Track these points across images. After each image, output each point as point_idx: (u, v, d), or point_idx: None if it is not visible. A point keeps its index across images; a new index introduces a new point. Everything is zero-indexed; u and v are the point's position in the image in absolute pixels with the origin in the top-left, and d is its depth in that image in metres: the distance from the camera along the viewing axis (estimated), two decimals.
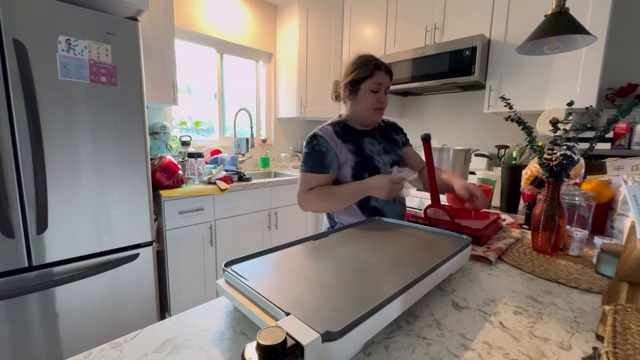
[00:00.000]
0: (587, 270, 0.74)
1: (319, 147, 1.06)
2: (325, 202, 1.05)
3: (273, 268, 0.58)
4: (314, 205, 1.07)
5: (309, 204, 1.07)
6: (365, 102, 1.07)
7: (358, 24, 2.54)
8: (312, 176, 1.05)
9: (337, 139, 1.08)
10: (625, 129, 1.44)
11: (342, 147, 1.07)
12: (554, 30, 0.97)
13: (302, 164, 1.08)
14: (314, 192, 1.05)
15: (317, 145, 1.06)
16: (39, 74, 1.14)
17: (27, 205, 1.16)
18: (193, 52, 2.48)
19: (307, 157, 1.07)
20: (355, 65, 1.07)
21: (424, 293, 0.55)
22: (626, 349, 0.41)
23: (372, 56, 1.08)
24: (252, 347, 0.33)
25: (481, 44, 1.77)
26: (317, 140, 1.06)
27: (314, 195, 1.05)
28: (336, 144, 1.07)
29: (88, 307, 1.33)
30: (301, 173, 1.08)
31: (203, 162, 2.02)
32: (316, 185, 1.06)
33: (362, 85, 1.06)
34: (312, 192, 1.05)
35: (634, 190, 0.64)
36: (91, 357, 0.43)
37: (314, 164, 1.05)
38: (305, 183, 1.06)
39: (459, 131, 2.32)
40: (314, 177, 1.05)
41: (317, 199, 1.05)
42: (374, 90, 1.06)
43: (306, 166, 1.07)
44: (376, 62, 1.07)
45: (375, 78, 1.05)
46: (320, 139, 1.06)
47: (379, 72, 1.05)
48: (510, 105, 0.89)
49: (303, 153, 1.09)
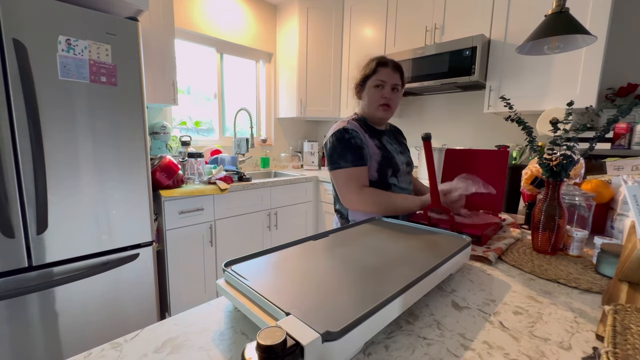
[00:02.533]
0: (587, 270, 0.74)
1: (354, 140, 1.04)
2: (379, 209, 1.01)
3: (273, 268, 0.58)
4: (367, 206, 1.03)
5: (362, 204, 1.03)
6: (370, 98, 1.10)
7: (358, 24, 2.54)
8: (359, 170, 1.03)
9: (364, 133, 1.09)
10: (625, 129, 1.44)
11: (369, 141, 1.08)
12: (554, 30, 0.97)
13: (339, 159, 1.04)
14: (369, 194, 1.02)
15: (353, 139, 1.04)
16: (39, 74, 1.14)
17: (27, 205, 1.16)
18: (193, 52, 2.48)
19: (343, 151, 1.03)
20: (363, 66, 1.12)
21: (424, 293, 0.55)
22: (626, 349, 0.41)
23: (380, 56, 1.11)
24: (252, 347, 0.33)
25: (481, 44, 1.77)
26: (351, 133, 1.05)
27: (370, 197, 1.01)
28: (364, 137, 1.08)
29: (88, 307, 1.33)
30: (340, 170, 1.04)
31: (203, 162, 2.02)
32: (365, 181, 1.04)
33: (367, 82, 1.10)
34: (367, 193, 1.02)
35: (634, 190, 0.64)
36: (91, 357, 0.43)
37: (355, 157, 1.03)
38: (355, 179, 1.03)
39: (459, 131, 2.32)
40: (361, 171, 1.03)
41: (371, 202, 1.01)
42: (377, 85, 1.08)
43: (347, 161, 1.03)
44: (380, 59, 1.09)
45: (378, 75, 1.08)
46: (354, 132, 1.05)
47: (383, 69, 1.08)
48: (510, 105, 0.89)
49: (332, 148, 1.06)
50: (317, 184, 2.57)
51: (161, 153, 2.00)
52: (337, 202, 1.16)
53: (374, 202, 1.01)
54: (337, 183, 1.07)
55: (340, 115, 2.75)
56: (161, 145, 2.11)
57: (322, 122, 3.36)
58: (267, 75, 2.97)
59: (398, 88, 1.11)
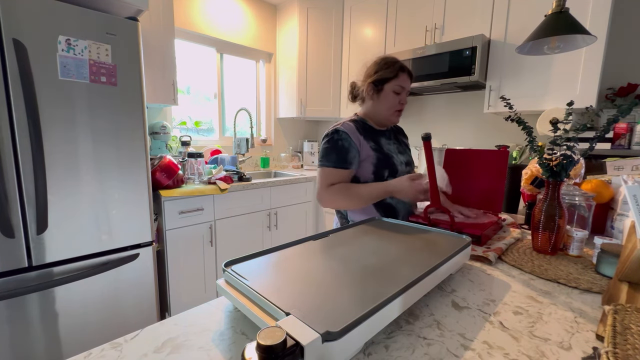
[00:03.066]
0: (587, 270, 0.74)
1: (342, 142, 1.04)
2: (346, 201, 1.04)
3: (273, 268, 0.58)
4: (335, 202, 1.06)
5: (329, 201, 1.06)
6: (388, 102, 1.09)
7: (358, 24, 2.54)
8: (335, 171, 1.04)
9: (359, 135, 1.08)
10: (625, 129, 1.44)
11: (364, 143, 1.08)
12: (554, 30, 0.97)
13: (323, 158, 1.06)
14: (335, 189, 1.04)
15: (340, 141, 1.05)
16: (39, 74, 1.14)
17: (27, 205, 1.16)
18: (193, 52, 2.48)
19: (328, 151, 1.05)
20: (379, 66, 1.09)
21: (424, 293, 0.55)
22: (626, 349, 0.41)
23: (396, 58, 1.10)
24: (252, 347, 0.33)
25: (481, 44, 1.77)
26: (340, 135, 1.05)
27: (335, 192, 1.04)
28: (359, 140, 1.07)
29: (88, 307, 1.33)
30: (321, 168, 1.06)
31: (203, 162, 2.02)
32: (338, 181, 1.05)
33: (386, 85, 1.08)
34: (333, 189, 1.04)
35: (634, 190, 0.64)
36: (91, 357, 0.43)
37: (337, 159, 1.04)
38: (327, 178, 1.05)
39: (459, 131, 2.32)
40: (336, 173, 1.04)
41: (338, 196, 1.04)
42: (396, 92, 1.08)
43: (328, 161, 1.05)
44: (401, 64, 1.09)
45: (399, 80, 1.07)
46: (343, 134, 1.05)
47: (403, 74, 1.08)
48: (510, 105, 0.89)
49: (322, 148, 1.08)
50: None
51: (161, 153, 2.00)
52: None
53: (340, 195, 1.04)
54: (318, 179, 1.09)
55: (340, 115, 2.75)
56: (161, 145, 2.11)
57: (322, 122, 3.36)
58: (267, 75, 2.97)
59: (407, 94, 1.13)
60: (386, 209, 1.10)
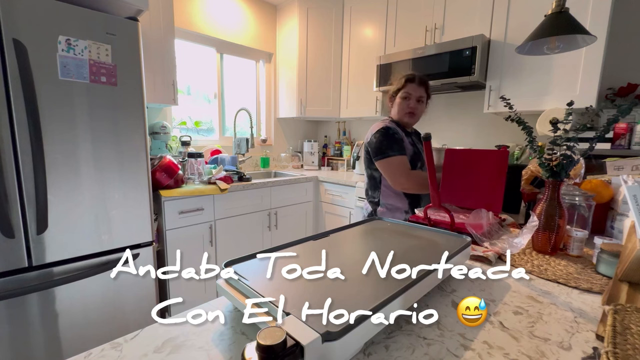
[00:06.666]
0: (587, 270, 0.74)
1: (397, 135, 1.28)
2: (420, 187, 1.23)
3: (273, 268, 0.58)
4: (415, 187, 1.24)
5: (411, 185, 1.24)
6: (399, 107, 1.35)
7: (358, 24, 2.54)
8: (404, 158, 1.26)
9: (401, 132, 1.32)
10: (625, 129, 1.44)
11: (405, 139, 1.32)
12: (554, 30, 0.97)
13: (388, 149, 1.25)
14: (415, 175, 1.24)
15: (395, 134, 1.28)
16: (39, 74, 1.14)
17: (27, 205, 1.16)
18: (193, 52, 2.48)
19: (389, 143, 1.25)
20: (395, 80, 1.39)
21: (424, 293, 0.55)
22: (626, 349, 0.41)
23: (409, 73, 1.35)
24: (252, 347, 0.33)
25: (481, 44, 1.77)
26: (393, 130, 1.29)
27: (415, 178, 1.23)
28: (402, 135, 1.31)
29: (88, 307, 1.33)
30: (388, 158, 1.25)
31: (203, 162, 2.02)
32: (407, 167, 1.26)
33: (398, 94, 1.35)
34: (413, 175, 1.24)
35: (634, 190, 0.64)
36: (91, 357, 0.43)
37: (400, 147, 1.26)
38: (403, 165, 1.25)
39: (459, 131, 2.32)
40: (404, 159, 1.26)
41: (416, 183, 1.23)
42: (404, 97, 1.33)
43: (393, 150, 1.25)
44: (408, 76, 1.33)
45: (405, 88, 1.33)
46: (394, 130, 1.29)
47: (410, 84, 1.32)
48: (510, 105, 0.89)
49: (380, 141, 1.26)
50: (317, 184, 2.57)
51: (161, 153, 2.00)
52: (372, 190, 1.38)
53: (417, 182, 1.23)
54: (388, 168, 1.26)
55: (340, 115, 2.75)
56: (161, 145, 2.11)
57: (322, 122, 3.36)
58: (267, 75, 2.97)
59: (423, 100, 1.34)
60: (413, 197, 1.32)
